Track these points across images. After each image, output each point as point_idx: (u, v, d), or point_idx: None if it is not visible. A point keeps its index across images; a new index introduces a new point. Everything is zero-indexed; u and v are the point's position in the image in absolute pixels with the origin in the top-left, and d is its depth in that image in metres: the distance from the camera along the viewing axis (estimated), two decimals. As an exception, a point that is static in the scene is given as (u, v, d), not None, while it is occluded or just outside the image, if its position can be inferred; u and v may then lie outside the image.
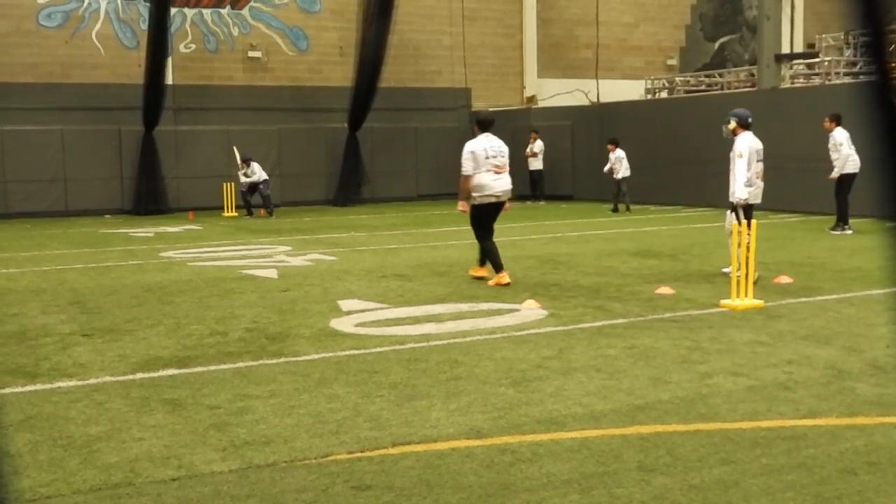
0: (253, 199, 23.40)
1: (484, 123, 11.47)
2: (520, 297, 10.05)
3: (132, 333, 8.54)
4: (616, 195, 22.46)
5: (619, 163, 22.52)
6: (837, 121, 16.04)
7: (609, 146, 22.80)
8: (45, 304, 10.30)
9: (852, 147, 15.98)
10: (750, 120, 11.20)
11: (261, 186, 23.29)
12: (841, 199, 16.22)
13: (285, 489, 4.56)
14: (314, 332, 8.45)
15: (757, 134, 11.43)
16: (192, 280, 11.99)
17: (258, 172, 23.26)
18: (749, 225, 9.60)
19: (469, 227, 11.81)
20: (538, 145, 25.82)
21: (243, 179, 23.30)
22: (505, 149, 11.50)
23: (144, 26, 24.21)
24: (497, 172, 11.26)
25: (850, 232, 16.06)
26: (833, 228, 16.35)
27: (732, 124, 11.07)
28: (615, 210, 22.27)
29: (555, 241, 16.09)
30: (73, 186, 24.47)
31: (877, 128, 1.45)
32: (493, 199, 11.29)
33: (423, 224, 20.37)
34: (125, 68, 25.28)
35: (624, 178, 22.41)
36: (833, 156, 16.09)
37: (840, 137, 15.91)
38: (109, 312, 9.73)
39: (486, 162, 11.14)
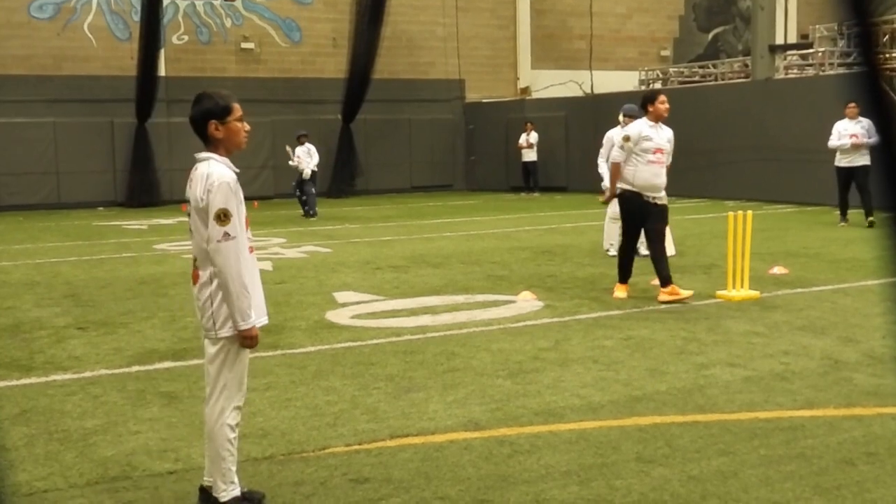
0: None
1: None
2: (515, 288, 10.04)
3: (127, 326, 8.51)
4: None
5: None
6: None
7: None
8: (38, 297, 10.25)
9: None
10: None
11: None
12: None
13: (283, 482, 4.55)
14: (310, 324, 8.43)
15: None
16: (186, 272, 11.84)
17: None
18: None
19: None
20: (533, 136, 25.79)
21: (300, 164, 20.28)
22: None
23: (137, 18, 24.10)
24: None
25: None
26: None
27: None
28: None
29: (549, 233, 16.07)
30: (65, 179, 24.37)
31: (869, 117, 1.47)
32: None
33: (417, 216, 20.33)
34: (117, 60, 25.15)
35: None
36: (867, 141, 15.60)
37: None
38: (104, 305, 9.69)
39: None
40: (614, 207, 12.60)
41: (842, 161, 15.71)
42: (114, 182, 24.90)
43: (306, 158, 20.40)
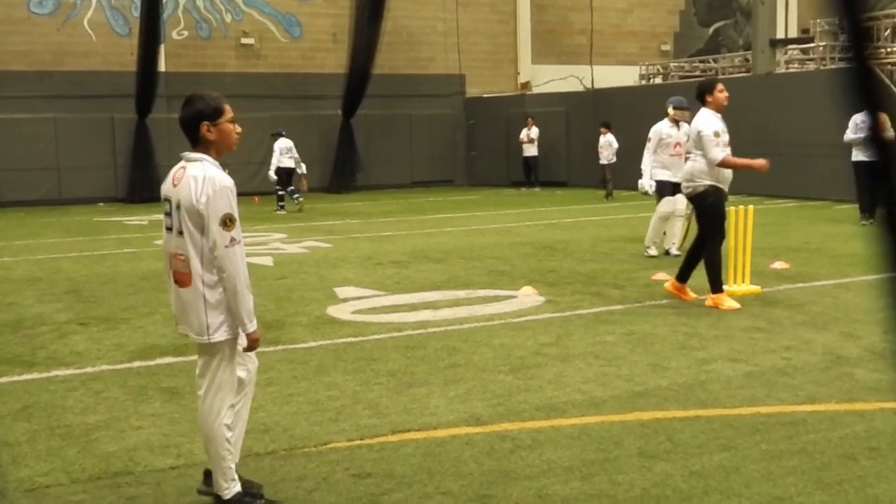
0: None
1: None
2: (517, 283, 10.03)
3: (128, 322, 8.51)
4: (604, 181, 22.32)
5: (608, 148, 22.39)
6: None
7: (602, 129, 22.67)
8: (40, 293, 10.25)
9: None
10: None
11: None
12: None
13: (285, 477, 4.55)
14: (311, 319, 8.43)
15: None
16: (187, 268, 11.92)
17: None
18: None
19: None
20: (534, 131, 25.74)
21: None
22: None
23: (137, 13, 24.06)
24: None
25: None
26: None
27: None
28: (608, 196, 22.13)
29: (550, 228, 16.07)
30: (66, 175, 24.36)
31: (861, 111, 1.48)
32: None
33: (417, 211, 20.32)
34: (118, 56, 25.12)
35: (609, 165, 22.29)
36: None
37: None
38: (105, 301, 9.70)
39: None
40: (665, 206, 11.82)
41: (859, 155, 14.91)
42: (114, 178, 24.89)
43: (280, 156, 20.57)
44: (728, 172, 8.71)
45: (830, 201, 18.16)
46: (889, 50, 21.33)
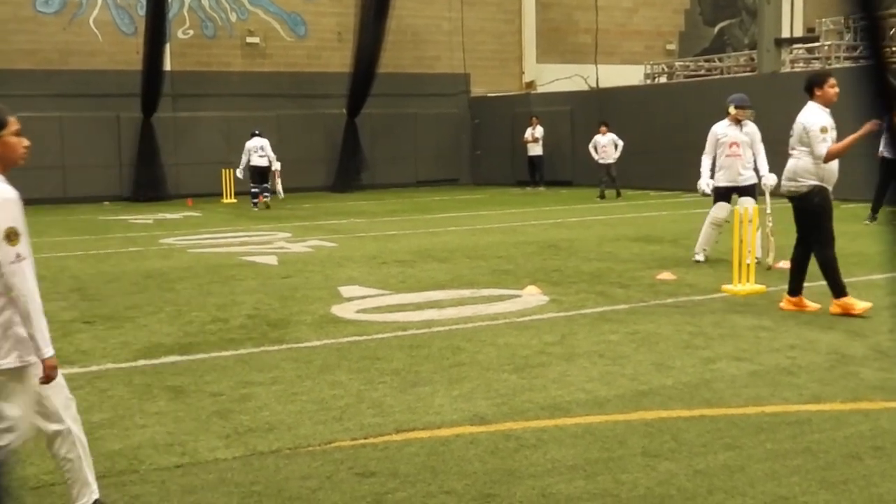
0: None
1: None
2: (521, 282, 10.03)
3: (133, 320, 8.52)
4: (604, 181, 22.24)
5: (612, 146, 22.32)
6: None
7: (601, 128, 22.60)
8: (45, 292, 10.14)
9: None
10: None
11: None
12: None
13: (289, 476, 4.55)
14: (316, 318, 8.43)
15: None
16: (192, 267, 11.96)
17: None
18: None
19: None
20: (539, 130, 25.72)
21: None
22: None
23: (142, 12, 24.10)
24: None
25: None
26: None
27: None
28: (602, 197, 22.06)
29: (555, 227, 16.06)
30: (71, 173, 24.39)
31: (875, 111, 1.47)
32: None
33: (422, 210, 20.33)
34: (123, 55, 25.17)
35: (614, 163, 22.24)
36: None
37: None
38: (110, 299, 9.71)
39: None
40: (718, 212, 11.30)
41: (886, 151, 14.33)
42: (119, 176, 24.94)
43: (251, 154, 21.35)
44: (835, 170, 8.21)
45: (836, 200, 18.08)
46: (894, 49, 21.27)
